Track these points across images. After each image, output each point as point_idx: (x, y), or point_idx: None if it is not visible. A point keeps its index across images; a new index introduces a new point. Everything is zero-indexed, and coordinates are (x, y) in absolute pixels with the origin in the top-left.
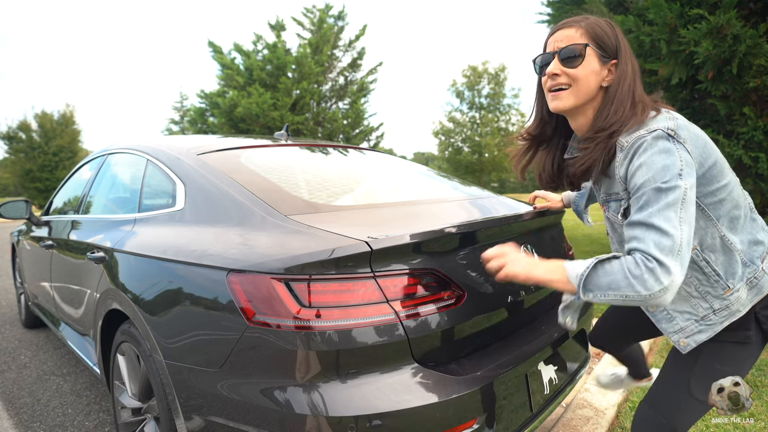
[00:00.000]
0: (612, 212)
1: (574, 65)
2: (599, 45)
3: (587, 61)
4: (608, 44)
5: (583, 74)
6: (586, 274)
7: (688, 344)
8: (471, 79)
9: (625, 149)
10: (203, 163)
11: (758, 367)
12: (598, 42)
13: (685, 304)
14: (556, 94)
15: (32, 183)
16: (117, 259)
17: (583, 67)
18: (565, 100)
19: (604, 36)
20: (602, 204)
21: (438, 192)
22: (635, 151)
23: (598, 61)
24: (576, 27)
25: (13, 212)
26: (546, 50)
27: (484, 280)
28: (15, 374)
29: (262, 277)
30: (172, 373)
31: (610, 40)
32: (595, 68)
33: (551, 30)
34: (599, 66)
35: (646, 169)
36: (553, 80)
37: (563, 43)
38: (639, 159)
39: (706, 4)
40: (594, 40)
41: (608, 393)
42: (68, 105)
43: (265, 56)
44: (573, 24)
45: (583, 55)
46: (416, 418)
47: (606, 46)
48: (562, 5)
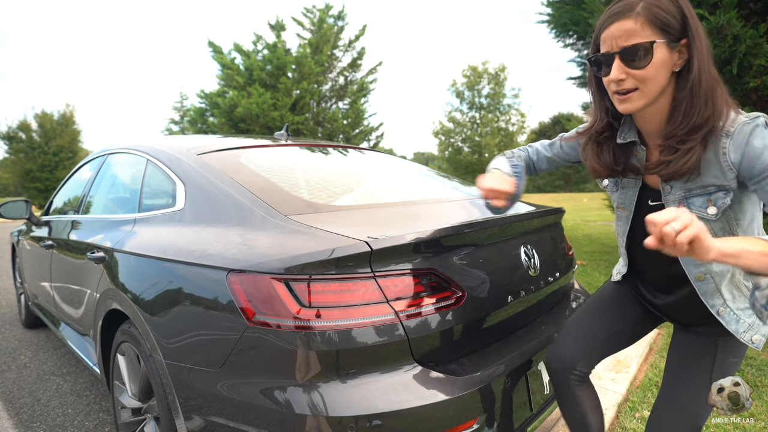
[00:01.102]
0: (697, 209)
1: (641, 65)
2: (665, 30)
3: (657, 56)
4: (673, 25)
5: (653, 74)
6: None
7: (760, 340)
8: (471, 79)
9: (732, 135)
10: (203, 163)
11: (758, 367)
12: (663, 27)
13: (746, 301)
14: (625, 97)
15: (32, 183)
16: (117, 259)
17: (653, 65)
18: (635, 102)
19: (667, 16)
20: (679, 202)
21: (438, 192)
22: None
23: (667, 50)
24: (634, 16)
25: (13, 212)
26: (601, 48)
27: (484, 280)
28: (15, 374)
29: (262, 277)
30: (172, 373)
31: (675, 18)
32: (665, 59)
33: (603, 22)
34: (669, 54)
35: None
36: (619, 85)
37: (623, 40)
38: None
39: (707, 4)
40: (659, 27)
41: (608, 393)
42: (68, 105)
43: (265, 56)
44: (629, 12)
45: (652, 53)
46: (416, 418)
47: (671, 27)
48: (562, 5)
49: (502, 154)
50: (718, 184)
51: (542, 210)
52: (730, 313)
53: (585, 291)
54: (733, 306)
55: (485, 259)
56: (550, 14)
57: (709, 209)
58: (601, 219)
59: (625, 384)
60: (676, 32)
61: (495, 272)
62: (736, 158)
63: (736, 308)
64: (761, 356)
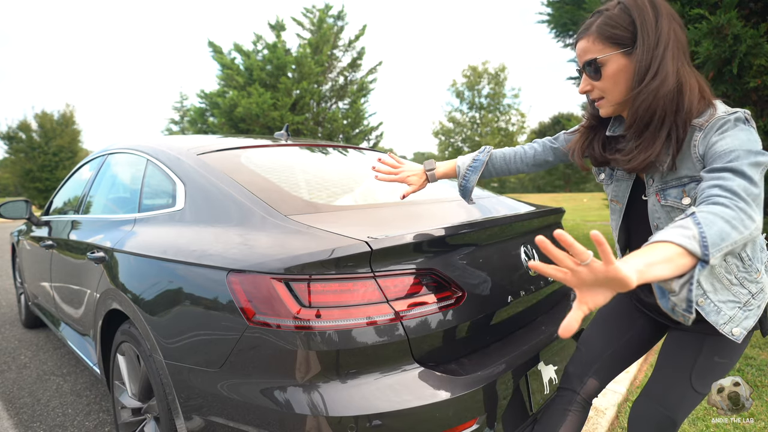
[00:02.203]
0: (672, 199)
1: (596, 78)
2: (617, 43)
3: (608, 68)
4: (623, 35)
5: (609, 84)
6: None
7: (740, 333)
8: (471, 79)
9: (705, 128)
10: (203, 163)
11: (758, 367)
12: (613, 40)
13: (728, 293)
14: (598, 104)
15: (32, 183)
16: (117, 259)
17: (606, 77)
18: (605, 108)
19: (615, 30)
20: (655, 194)
21: (438, 192)
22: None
23: (622, 58)
24: (586, 36)
25: (13, 212)
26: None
27: (484, 280)
28: (15, 374)
29: (262, 277)
30: (172, 373)
31: (626, 28)
32: (620, 67)
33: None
34: (626, 60)
35: (733, 138)
36: (590, 95)
37: (583, 57)
38: (724, 133)
39: (707, 4)
40: (610, 41)
41: (608, 393)
42: (68, 105)
43: (265, 56)
44: (585, 31)
45: (600, 67)
46: (416, 418)
47: (622, 38)
48: (562, 5)
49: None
50: (690, 175)
51: (542, 210)
52: (710, 305)
53: None
54: (714, 298)
55: (485, 259)
56: (550, 14)
57: (683, 200)
58: (601, 219)
59: (625, 384)
60: (628, 41)
61: (495, 272)
62: (702, 150)
63: (717, 300)
64: (761, 356)
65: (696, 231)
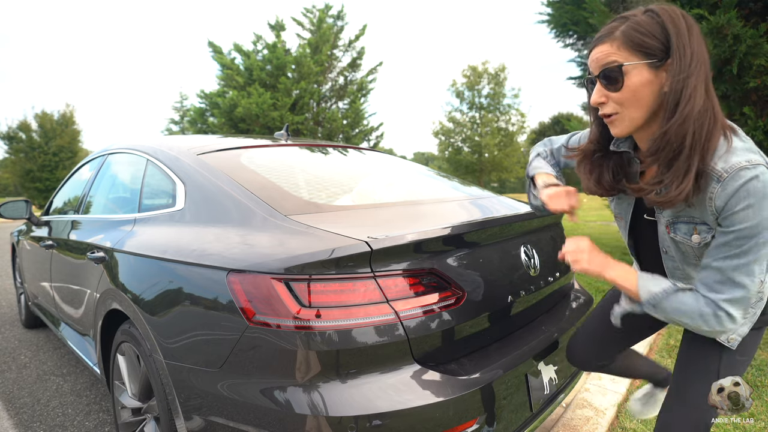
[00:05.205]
0: (682, 235)
1: (615, 88)
2: (644, 52)
3: (631, 79)
4: (653, 45)
5: (628, 96)
6: (660, 297)
7: (736, 340)
8: (471, 79)
9: (723, 181)
10: (203, 163)
11: (758, 367)
12: (641, 49)
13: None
14: (608, 120)
15: (32, 183)
16: (117, 259)
17: (627, 88)
18: (619, 127)
19: (644, 38)
20: (666, 225)
21: (438, 192)
22: (739, 188)
23: (647, 70)
24: (610, 40)
25: (13, 212)
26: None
27: (484, 280)
28: (15, 374)
29: (262, 277)
30: (172, 373)
31: (656, 38)
32: (644, 80)
33: (590, 46)
34: (651, 74)
35: (754, 213)
36: (602, 109)
37: (601, 62)
38: (747, 200)
39: (707, 4)
40: (636, 49)
41: (608, 393)
42: (68, 105)
43: (264, 56)
44: (607, 36)
45: (622, 76)
46: (416, 418)
47: (651, 48)
48: (562, 5)
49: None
50: (703, 221)
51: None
52: None
53: (585, 291)
54: None
55: (485, 259)
56: (550, 14)
57: (693, 237)
58: (601, 219)
59: (625, 384)
60: (658, 52)
61: (495, 272)
62: (720, 205)
63: None
64: (761, 356)
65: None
